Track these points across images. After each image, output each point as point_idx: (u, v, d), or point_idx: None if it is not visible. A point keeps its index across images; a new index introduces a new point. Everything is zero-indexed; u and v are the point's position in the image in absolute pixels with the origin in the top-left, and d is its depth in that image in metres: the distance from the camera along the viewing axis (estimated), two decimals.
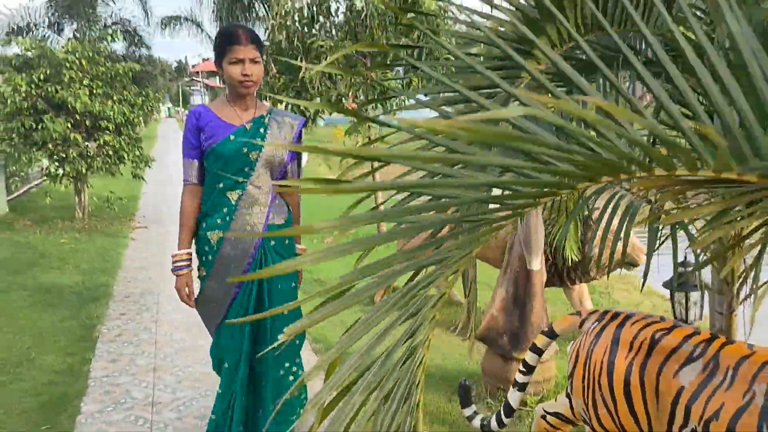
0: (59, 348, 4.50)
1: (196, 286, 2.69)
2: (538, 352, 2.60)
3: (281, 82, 6.92)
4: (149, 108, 9.51)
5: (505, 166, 1.02)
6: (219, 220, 2.54)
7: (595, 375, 2.28)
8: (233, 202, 2.52)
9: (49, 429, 3.37)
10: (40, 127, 8.21)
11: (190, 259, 2.61)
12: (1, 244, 7.81)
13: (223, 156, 2.47)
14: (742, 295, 2.49)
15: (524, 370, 2.64)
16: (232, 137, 2.47)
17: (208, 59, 39.07)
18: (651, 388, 2.16)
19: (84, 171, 8.51)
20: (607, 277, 4.58)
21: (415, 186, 1.06)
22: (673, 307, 3.26)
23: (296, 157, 2.69)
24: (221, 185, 2.51)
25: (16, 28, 13.82)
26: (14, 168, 9.28)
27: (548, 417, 2.69)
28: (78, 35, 12.90)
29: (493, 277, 4.16)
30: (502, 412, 2.70)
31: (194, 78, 39.80)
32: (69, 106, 8.10)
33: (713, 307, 2.67)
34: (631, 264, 4.31)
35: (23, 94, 8.05)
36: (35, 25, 13.77)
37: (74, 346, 4.53)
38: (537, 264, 3.48)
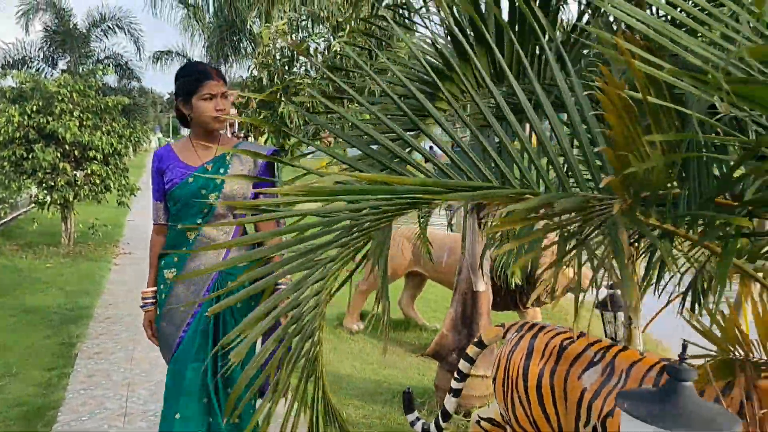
0: (41, 364, 4.74)
1: None
2: (470, 360, 2.92)
3: (262, 116, 7.31)
4: (137, 139, 9.86)
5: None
6: (176, 259, 2.50)
7: (513, 379, 2.59)
8: (190, 242, 2.48)
9: None
10: (30, 156, 8.53)
11: (155, 297, 2.58)
12: None
13: (181, 199, 2.43)
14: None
15: (458, 377, 2.94)
16: (190, 179, 2.43)
17: None
18: (560, 390, 2.47)
19: (71, 198, 8.81)
20: (551, 301, 4.89)
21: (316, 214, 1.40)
22: (604, 327, 3.59)
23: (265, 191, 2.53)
24: (180, 226, 2.47)
25: (12, 61, 14.23)
26: (4, 195, 9.54)
27: (482, 422, 2.99)
28: (71, 68, 13.31)
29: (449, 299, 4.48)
30: (440, 418, 3.00)
31: None
32: (59, 136, 8.44)
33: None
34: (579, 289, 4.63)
35: (16, 125, 8.38)
36: (30, 59, 14.18)
37: (55, 362, 4.77)
38: (482, 286, 3.82)
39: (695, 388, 1.25)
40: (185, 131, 2.77)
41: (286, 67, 7.21)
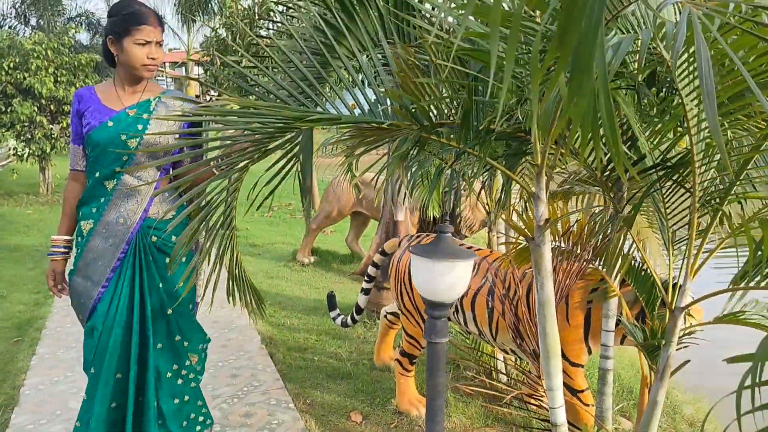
0: (27, 289, 5.47)
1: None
2: (376, 266, 3.70)
3: (225, 73, 7.91)
4: None
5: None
6: (93, 209, 2.33)
7: (401, 274, 3.38)
8: (109, 191, 2.31)
9: (19, 339, 4.34)
10: (9, 110, 9.07)
11: (67, 247, 2.43)
12: None
13: (98, 144, 2.26)
14: None
15: (367, 279, 3.74)
16: (110, 123, 2.26)
17: (174, 50, 39.49)
18: None
19: (48, 150, 9.39)
20: (470, 234, 5.70)
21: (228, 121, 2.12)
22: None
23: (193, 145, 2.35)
24: (98, 174, 2.30)
25: None
26: None
27: (388, 316, 3.79)
28: (43, 26, 13.62)
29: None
30: (354, 312, 3.80)
31: (159, 69, 40.17)
32: (36, 91, 8.97)
33: None
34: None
35: None
36: (3, 16, 14.43)
37: (39, 288, 5.49)
38: (401, 216, 4.59)
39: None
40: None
41: (248, 28, 7.78)
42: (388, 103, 2.10)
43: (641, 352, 2.44)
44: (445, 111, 2.18)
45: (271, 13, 7.88)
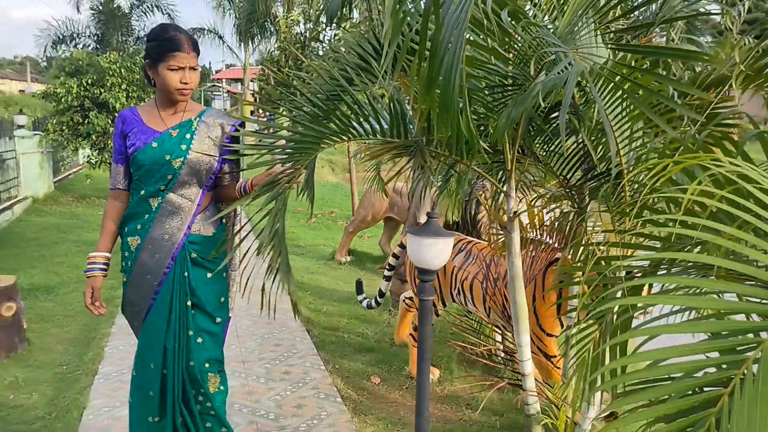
0: None
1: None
2: (396, 257, 4.42)
3: (278, 93, 8.81)
4: None
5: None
6: (138, 226, 2.38)
7: None
8: (154, 209, 2.37)
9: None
10: (85, 121, 10.20)
11: (106, 264, 2.45)
12: (52, 213, 9.79)
13: (144, 164, 2.33)
14: None
15: (388, 268, 4.45)
16: (154, 144, 2.33)
17: (231, 66, 41.43)
18: (441, 268, 3.94)
19: None
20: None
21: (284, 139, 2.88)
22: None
23: (233, 161, 2.51)
24: (143, 192, 2.37)
25: (61, 37, 15.93)
26: (61, 155, 11.26)
27: (406, 300, 4.49)
28: (115, 45, 14.94)
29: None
30: (377, 296, 4.51)
31: (216, 84, 42.20)
32: (110, 105, 10.08)
33: None
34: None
35: (74, 95, 10.03)
36: (78, 35, 15.86)
37: (113, 274, 6.36)
38: (423, 219, 5.28)
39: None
40: (217, 104, 3.51)
41: (299, 51, 8.66)
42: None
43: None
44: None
45: (321, 36, 8.75)
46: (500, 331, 3.97)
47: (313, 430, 3.30)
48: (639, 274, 1.73)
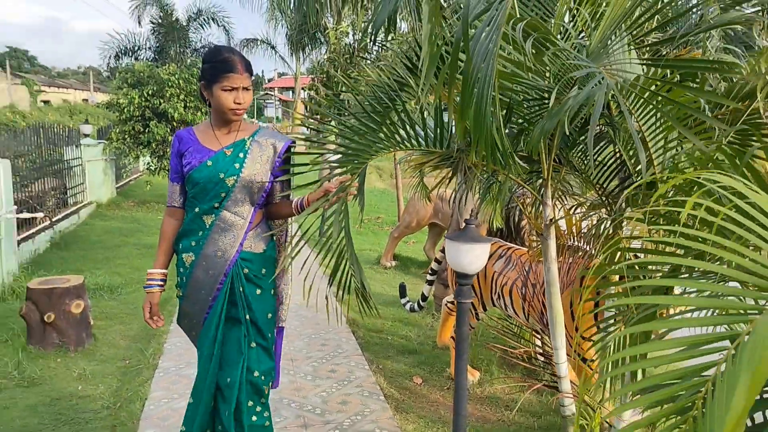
0: None
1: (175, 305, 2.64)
2: (438, 262, 4.55)
3: (328, 103, 9.08)
4: None
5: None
6: (193, 243, 2.45)
7: None
8: (207, 226, 2.43)
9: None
10: (146, 130, 10.72)
11: (163, 280, 2.55)
12: (114, 218, 10.33)
13: (198, 182, 2.40)
14: None
15: (430, 272, 4.59)
16: (209, 163, 2.40)
17: (283, 75, 42.37)
18: (482, 274, 4.07)
19: None
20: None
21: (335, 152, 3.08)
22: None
23: (282, 179, 2.57)
24: (197, 209, 2.44)
25: (124, 49, 16.71)
26: (123, 162, 11.84)
27: (448, 304, 4.62)
28: (174, 56, 15.59)
29: None
30: (420, 299, 4.65)
31: (268, 92, 43.20)
32: (169, 115, 10.57)
33: None
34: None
35: (136, 105, 10.56)
36: (139, 48, 16.60)
37: (171, 275, 6.74)
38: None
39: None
40: (269, 112, 3.72)
41: (347, 62, 8.91)
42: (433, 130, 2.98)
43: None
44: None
45: (368, 47, 8.97)
46: (539, 336, 4.06)
47: (356, 425, 3.47)
48: (659, 275, 1.83)
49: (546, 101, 2.68)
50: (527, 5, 2.86)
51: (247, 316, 2.46)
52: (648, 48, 2.81)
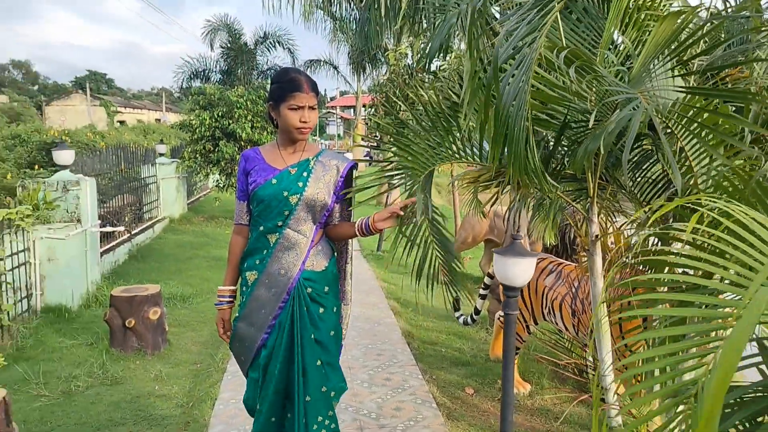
0: None
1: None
2: (491, 276, 4.71)
3: (386, 120, 9.38)
4: None
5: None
6: (257, 261, 2.49)
7: None
8: (272, 244, 2.47)
9: None
10: (216, 150, 11.30)
11: (232, 296, 2.60)
12: (185, 232, 10.92)
13: (263, 200, 2.45)
14: None
15: (483, 287, 4.74)
16: (273, 181, 2.45)
17: (345, 93, 43.31)
18: (533, 287, 4.20)
19: None
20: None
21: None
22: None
23: (344, 198, 2.60)
24: (262, 228, 2.48)
25: (195, 72, 17.64)
26: (194, 180, 12.49)
27: (500, 318, 4.75)
28: (242, 78, 16.34)
29: None
30: (473, 313, 4.81)
31: (330, 110, 44.22)
32: (237, 135, 11.12)
33: None
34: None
35: (206, 126, 11.18)
36: (209, 71, 17.50)
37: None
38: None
39: None
40: (331, 130, 3.92)
41: (405, 82, 9.19)
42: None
43: None
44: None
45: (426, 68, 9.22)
46: (588, 350, 4.15)
47: (409, 429, 3.66)
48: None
49: (589, 123, 2.84)
50: (577, 31, 3.04)
51: (312, 335, 2.47)
52: (694, 72, 2.93)
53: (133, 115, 46.85)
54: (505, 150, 2.16)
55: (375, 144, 8.94)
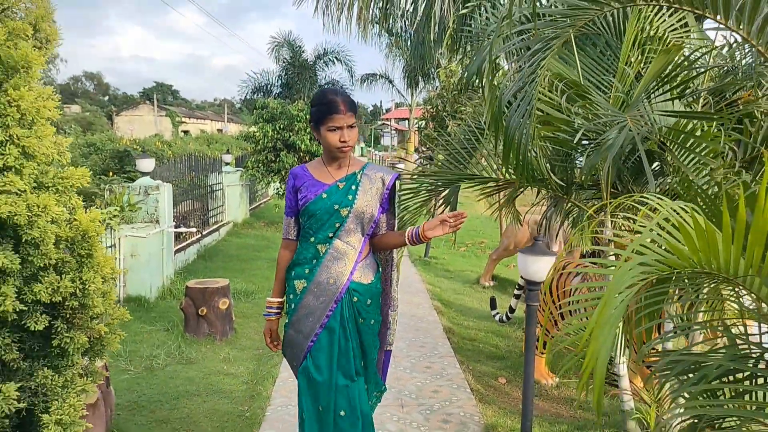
0: None
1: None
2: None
3: (436, 134, 9.92)
4: None
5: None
6: (306, 270, 2.56)
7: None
8: (321, 255, 2.54)
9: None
10: (277, 160, 12.07)
11: (280, 308, 2.70)
12: (247, 236, 11.72)
13: (315, 214, 2.53)
14: None
15: (518, 287, 5.19)
16: (324, 195, 2.53)
17: (400, 105, 44.12)
18: (562, 287, 4.63)
19: None
20: None
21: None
22: None
23: (389, 209, 2.70)
24: (313, 239, 2.56)
25: (258, 86, 18.64)
26: (256, 188, 13.31)
27: None
28: (303, 92, 17.20)
29: None
30: (508, 311, 5.27)
31: (385, 122, 45.09)
32: (297, 146, 11.87)
33: None
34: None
35: (269, 138, 11.97)
36: (271, 85, 18.45)
37: None
38: (555, 247, 5.95)
39: None
40: (385, 141, 4.25)
41: (454, 98, 9.71)
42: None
43: None
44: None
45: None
46: None
47: (444, 408, 4.15)
48: None
49: (596, 141, 3.30)
50: (601, 62, 3.51)
51: (355, 343, 2.58)
52: (692, 96, 3.35)
53: (197, 125, 48.93)
54: (514, 163, 2.65)
55: (427, 156, 9.46)
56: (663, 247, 1.57)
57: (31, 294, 1.90)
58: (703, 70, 3.27)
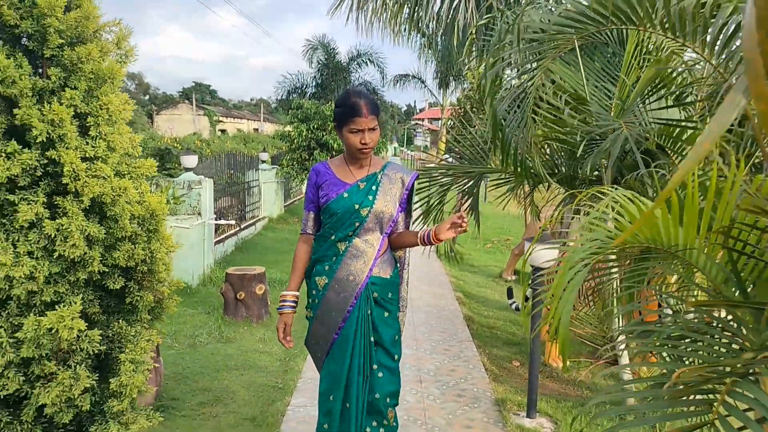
0: None
1: (304, 325, 2.88)
2: None
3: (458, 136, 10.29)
4: (378, 148, 13.51)
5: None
6: (327, 267, 2.60)
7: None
8: (341, 252, 2.58)
9: None
10: (310, 158, 12.58)
11: (295, 301, 2.72)
12: (282, 230, 12.26)
13: (336, 213, 2.56)
14: None
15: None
16: (345, 195, 2.56)
17: (433, 105, 44.42)
18: None
19: None
20: None
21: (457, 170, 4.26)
22: None
23: (406, 209, 2.74)
24: (333, 237, 2.59)
25: (293, 87, 19.24)
26: (291, 185, 13.84)
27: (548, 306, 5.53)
28: (338, 90, 17.71)
29: None
30: (524, 300, 5.61)
31: (418, 122, 45.47)
32: (330, 145, 12.35)
33: None
34: None
35: (303, 137, 12.48)
36: (306, 86, 19.03)
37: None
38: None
39: None
40: (418, 141, 4.56)
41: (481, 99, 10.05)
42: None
43: None
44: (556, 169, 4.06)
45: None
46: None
47: (459, 384, 4.54)
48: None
49: (598, 141, 3.65)
50: (608, 69, 3.86)
51: (373, 338, 2.61)
52: (688, 103, 3.67)
53: (233, 124, 50.02)
54: (511, 159, 3.04)
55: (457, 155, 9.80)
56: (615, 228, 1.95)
57: (112, 259, 2.37)
58: (691, 80, 3.61)
